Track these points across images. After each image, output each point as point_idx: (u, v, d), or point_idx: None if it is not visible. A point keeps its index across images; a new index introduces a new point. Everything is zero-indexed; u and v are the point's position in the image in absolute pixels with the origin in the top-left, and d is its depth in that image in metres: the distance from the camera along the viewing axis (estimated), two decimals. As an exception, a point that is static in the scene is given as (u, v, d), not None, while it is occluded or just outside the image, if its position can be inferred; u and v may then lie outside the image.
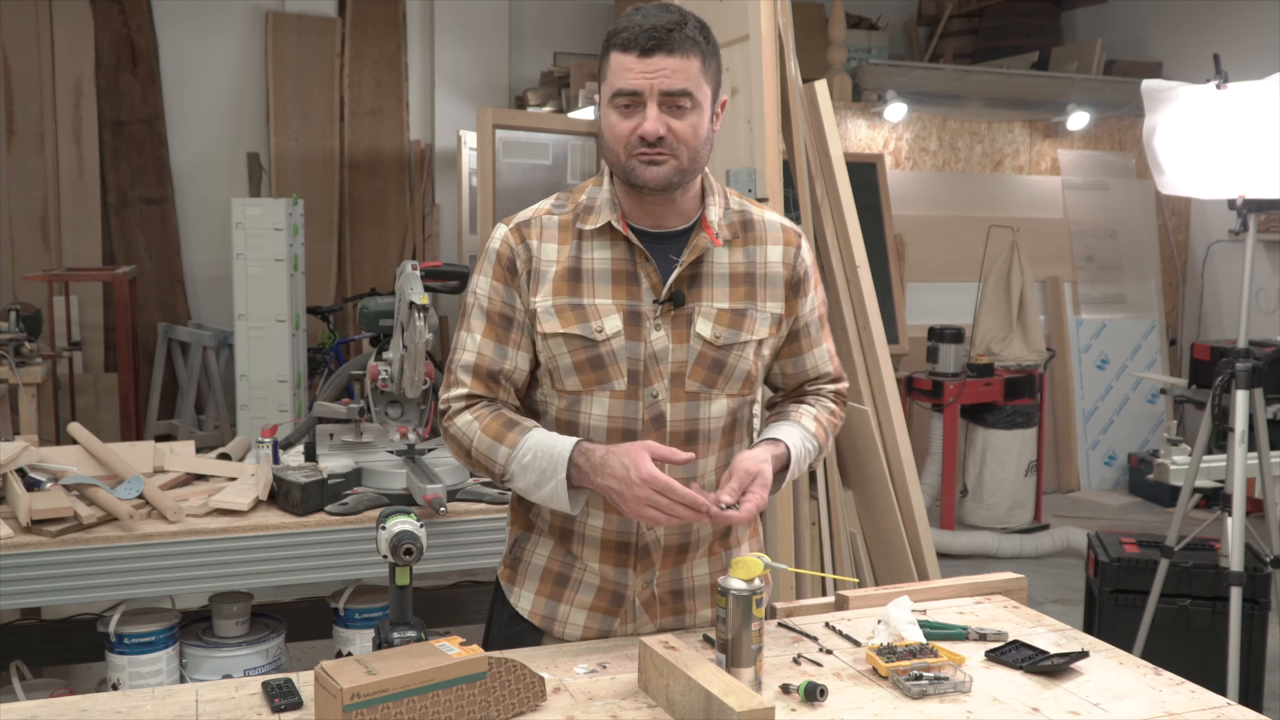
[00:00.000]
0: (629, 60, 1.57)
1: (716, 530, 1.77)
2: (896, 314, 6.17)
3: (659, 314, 1.66)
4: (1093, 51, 7.07)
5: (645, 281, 1.67)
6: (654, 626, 1.75)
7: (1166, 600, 3.44)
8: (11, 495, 2.54)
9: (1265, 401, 3.32)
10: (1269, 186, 3.11)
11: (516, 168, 5.70)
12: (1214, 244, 6.98)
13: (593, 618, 1.74)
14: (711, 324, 1.68)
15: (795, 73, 3.34)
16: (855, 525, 3.57)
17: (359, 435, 3.14)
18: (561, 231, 1.70)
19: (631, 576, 1.72)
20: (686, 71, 1.58)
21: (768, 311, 1.73)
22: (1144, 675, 1.63)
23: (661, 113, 1.58)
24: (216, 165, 7.09)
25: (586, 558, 1.73)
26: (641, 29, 1.56)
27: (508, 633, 1.80)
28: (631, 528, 1.70)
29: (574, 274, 1.67)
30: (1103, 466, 7.00)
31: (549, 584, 1.76)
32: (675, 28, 1.57)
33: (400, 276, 2.73)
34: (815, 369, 1.83)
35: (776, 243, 1.75)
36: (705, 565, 1.77)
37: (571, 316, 1.66)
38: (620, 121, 1.60)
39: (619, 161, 1.63)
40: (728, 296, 1.70)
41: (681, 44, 1.57)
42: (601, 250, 1.68)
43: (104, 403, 6.25)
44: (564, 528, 1.74)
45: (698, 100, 1.60)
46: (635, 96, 1.58)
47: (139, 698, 1.53)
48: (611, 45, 1.60)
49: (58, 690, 3.02)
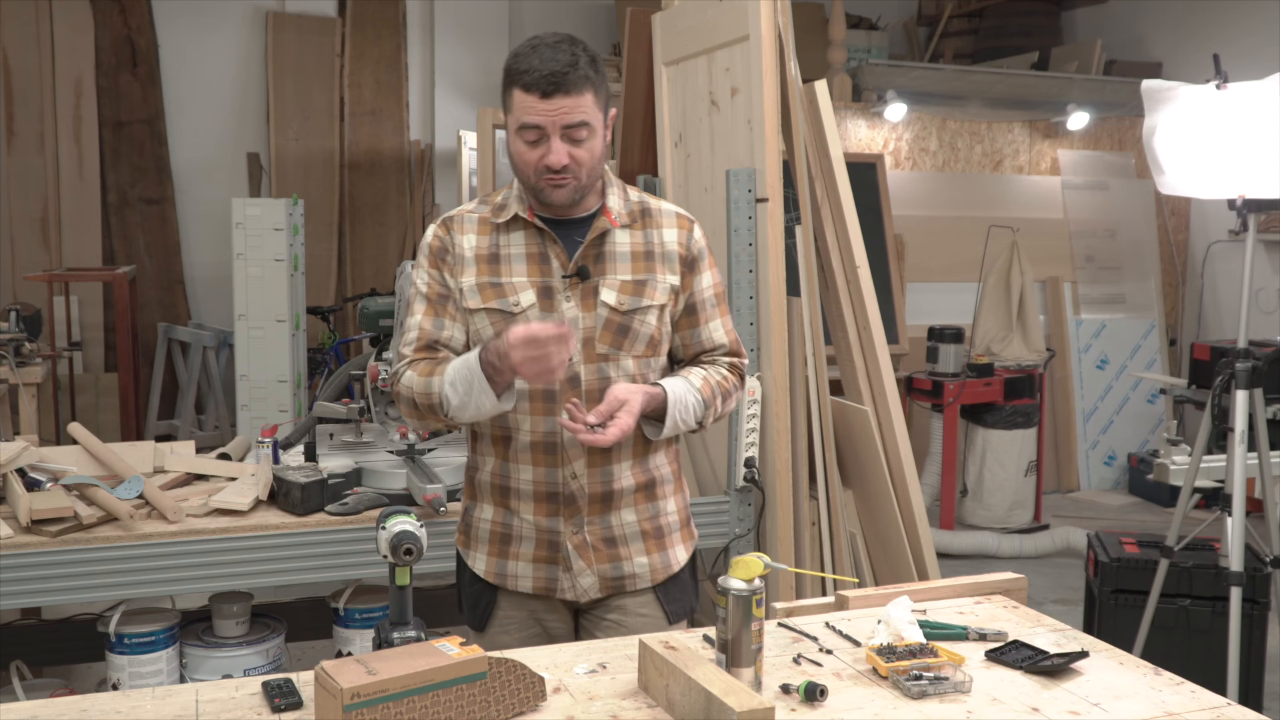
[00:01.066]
0: (531, 100, 1.81)
1: (638, 481, 1.97)
2: (896, 314, 6.17)
3: (568, 287, 1.91)
4: (1093, 51, 7.07)
5: (555, 260, 1.92)
6: (592, 573, 1.96)
7: (1166, 600, 3.44)
8: (11, 495, 2.54)
9: (1265, 401, 3.31)
10: (1269, 186, 3.11)
11: (516, 168, 5.69)
12: (1214, 244, 6.98)
13: (538, 569, 1.97)
14: (616, 293, 1.92)
15: (795, 73, 3.34)
16: (855, 525, 3.57)
17: (359, 435, 3.14)
18: (480, 225, 1.96)
19: (562, 524, 1.94)
20: (582, 106, 1.82)
21: (666, 282, 1.96)
22: (1144, 675, 1.64)
23: (563, 142, 1.83)
24: (216, 165, 7.08)
25: (523, 512, 1.96)
26: (541, 74, 1.79)
27: (469, 592, 2.05)
28: (558, 479, 1.92)
29: (493, 258, 1.93)
30: (1103, 466, 7.00)
31: (496, 544, 2.00)
32: (569, 69, 1.80)
33: (400, 276, 2.73)
34: (710, 340, 2.02)
35: (671, 226, 2.00)
36: (633, 514, 1.98)
37: (491, 293, 1.91)
38: (528, 151, 1.85)
39: (529, 183, 1.88)
40: (630, 270, 1.94)
41: (577, 84, 1.81)
42: (516, 237, 1.94)
43: (104, 403, 6.25)
44: (501, 486, 1.97)
45: (593, 127, 1.85)
46: (539, 130, 1.82)
47: (139, 698, 1.53)
48: (514, 83, 1.83)
49: (58, 690, 3.02)
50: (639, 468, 1.97)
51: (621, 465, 1.95)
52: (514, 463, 1.94)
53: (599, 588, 1.97)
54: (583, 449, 1.90)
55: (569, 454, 1.91)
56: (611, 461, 1.93)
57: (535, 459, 1.92)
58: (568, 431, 1.83)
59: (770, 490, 3.02)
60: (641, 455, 1.97)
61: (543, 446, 1.92)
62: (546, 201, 1.89)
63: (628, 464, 1.95)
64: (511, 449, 1.94)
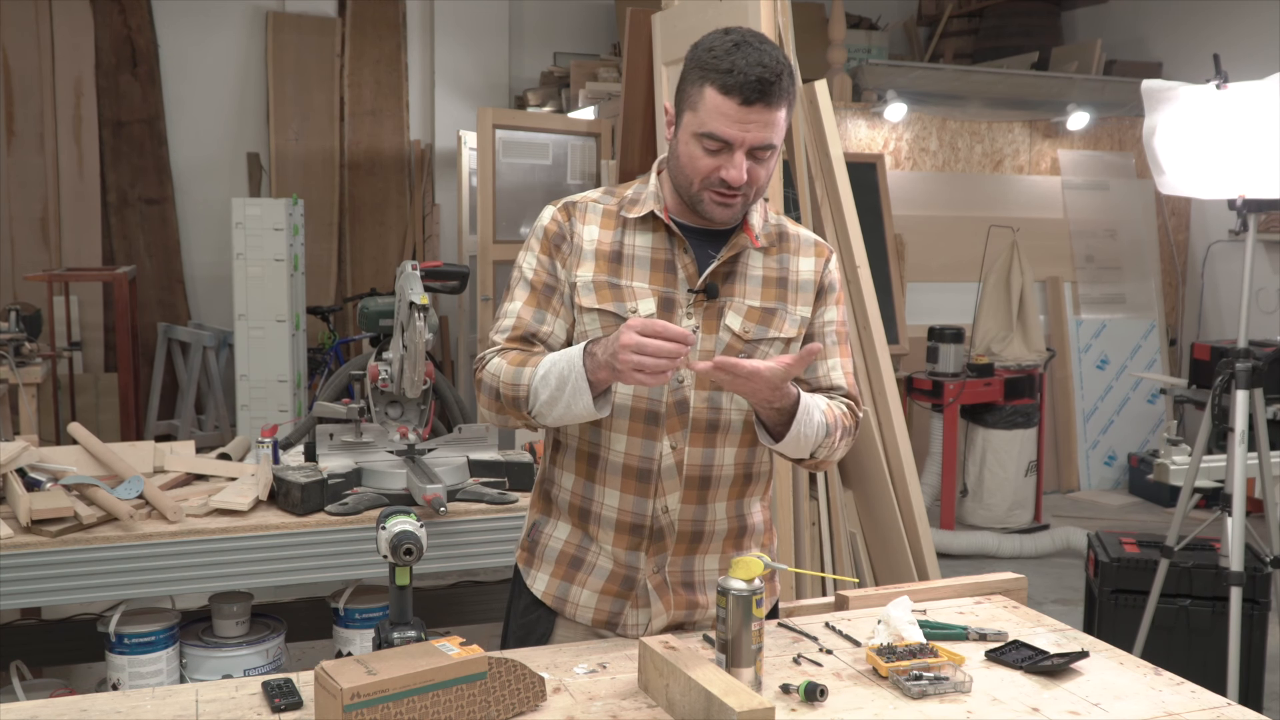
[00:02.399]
0: (728, 106, 1.59)
1: (731, 527, 1.79)
2: (896, 314, 6.16)
3: (692, 303, 1.71)
4: (1093, 51, 7.07)
5: (681, 271, 1.72)
6: (666, 616, 1.76)
7: (1166, 600, 3.44)
8: (11, 495, 2.54)
9: (1265, 401, 3.31)
10: (1269, 186, 3.11)
11: (516, 168, 5.70)
12: (1214, 244, 6.98)
13: (604, 600, 1.77)
14: (742, 319, 1.72)
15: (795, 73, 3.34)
16: (855, 525, 3.57)
17: (359, 435, 3.13)
18: (605, 217, 1.76)
19: (643, 560, 1.75)
20: (777, 124, 1.63)
21: (797, 314, 1.77)
22: (1144, 675, 1.63)
23: (746, 158, 1.63)
24: (216, 165, 7.09)
25: (601, 539, 1.77)
26: (748, 79, 1.58)
27: (522, 621, 1.84)
28: (646, 510, 1.73)
29: (615, 256, 1.73)
30: (1103, 466, 7.00)
31: (564, 566, 1.80)
32: (776, 80, 1.59)
33: (400, 276, 2.72)
34: (828, 379, 1.80)
35: (809, 254, 1.81)
36: (716, 560, 1.79)
37: (608, 294, 1.71)
38: (704, 157, 1.64)
39: (691, 190, 1.68)
40: (759, 296, 1.75)
41: (779, 97, 1.60)
42: (643, 238, 1.74)
43: (104, 403, 6.25)
44: (581, 508, 1.78)
45: (777, 148, 1.66)
46: (725, 143, 1.62)
47: (139, 698, 1.53)
48: (709, 80, 1.61)
49: (58, 690, 3.02)
50: (734, 511, 1.79)
51: (717, 506, 1.76)
52: (599, 484, 1.75)
53: (666, 631, 1.78)
54: (679, 480, 1.72)
55: (664, 485, 1.72)
56: (708, 500, 1.75)
57: (625, 484, 1.73)
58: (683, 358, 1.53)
59: (770, 490, 3.02)
60: (738, 497, 1.79)
61: (635, 472, 1.72)
62: (705, 216, 1.69)
63: (723, 505, 1.77)
64: (598, 469, 1.75)
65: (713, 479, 1.75)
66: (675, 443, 1.71)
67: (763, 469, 1.83)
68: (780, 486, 3.03)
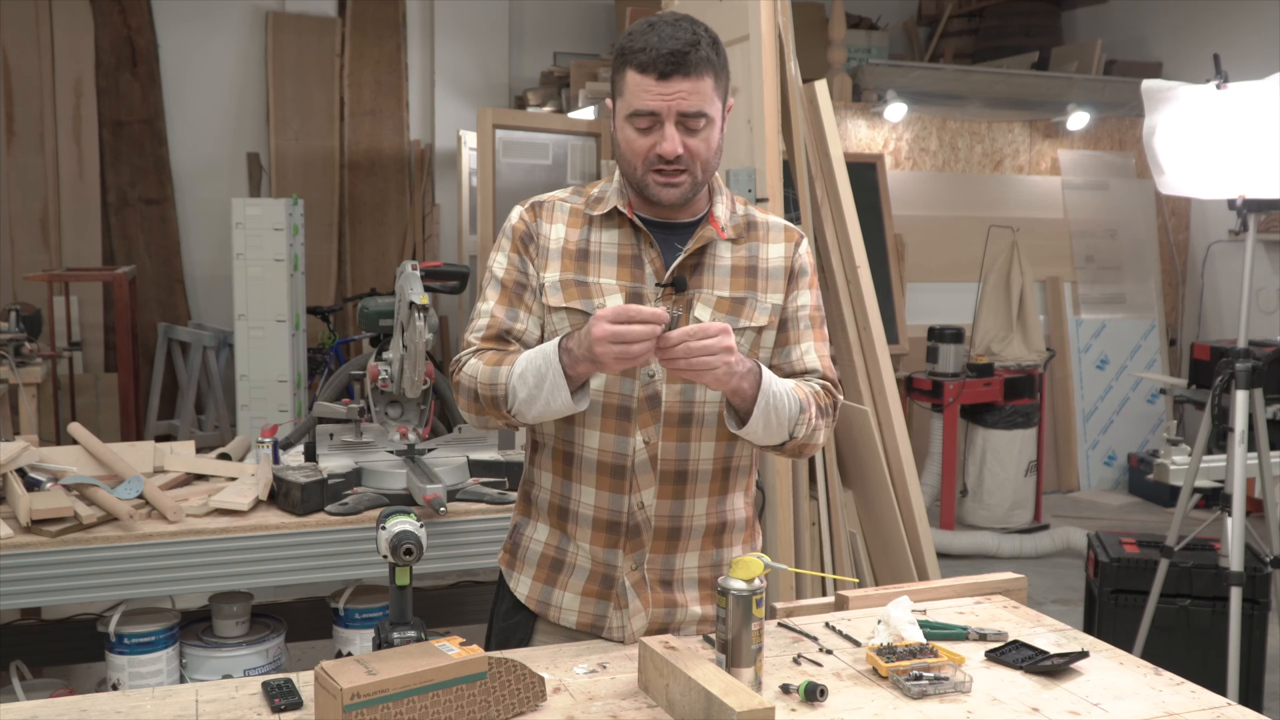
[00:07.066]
0: (647, 82, 1.62)
1: (710, 523, 1.78)
2: (896, 314, 6.17)
3: (660, 296, 1.71)
4: (1093, 51, 7.07)
5: (649, 266, 1.73)
6: (645, 615, 1.75)
7: (1166, 600, 3.44)
8: (11, 495, 2.54)
9: (1265, 401, 3.32)
10: (1269, 186, 3.11)
11: (516, 168, 5.70)
12: (1214, 244, 6.98)
13: (586, 603, 1.77)
14: (711, 310, 1.72)
15: (795, 73, 3.34)
16: (855, 525, 3.57)
17: (359, 435, 3.13)
18: (572, 216, 1.77)
19: (621, 558, 1.75)
20: (702, 92, 1.63)
21: (768, 302, 1.77)
22: (1144, 675, 1.63)
23: (678, 131, 1.64)
24: (216, 165, 7.09)
25: (579, 538, 1.77)
26: (660, 53, 1.61)
27: (504, 625, 1.85)
28: (622, 506, 1.73)
29: (582, 254, 1.74)
30: (1103, 466, 7.00)
31: (545, 569, 1.80)
32: (690, 49, 1.61)
33: (400, 276, 2.72)
34: (801, 363, 1.78)
35: (779, 240, 1.81)
36: (695, 558, 1.78)
37: (575, 292, 1.72)
38: (638, 138, 1.66)
39: (635, 175, 1.69)
40: (728, 286, 1.75)
41: (697, 65, 1.62)
42: (609, 234, 1.75)
43: (104, 403, 6.25)
44: (560, 506, 1.78)
45: (711, 117, 1.66)
46: (653, 117, 1.64)
47: (139, 698, 1.53)
48: (628, 63, 1.65)
49: (58, 690, 3.02)
50: (714, 508, 1.77)
51: (695, 501, 1.75)
52: (575, 482, 1.75)
53: (647, 631, 1.75)
54: (654, 476, 1.72)
55: (639, 481, 1.71)
56: (685, 496, 1.74)
57: (600, 481, 1.73)
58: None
59: (770, 490, 3.02)
60: (718, 493, 1.77)
61: (610, 469, 1.72)
62: (653, 200, 1.70)
63: (702, 501, 1.75)
64: (574, 466, 1.75)
65: (689, 474, 1.74)
66: (649, 437, 1.71)
67: (743, 464, 1.81)
68: (780, 487, 3.03)
